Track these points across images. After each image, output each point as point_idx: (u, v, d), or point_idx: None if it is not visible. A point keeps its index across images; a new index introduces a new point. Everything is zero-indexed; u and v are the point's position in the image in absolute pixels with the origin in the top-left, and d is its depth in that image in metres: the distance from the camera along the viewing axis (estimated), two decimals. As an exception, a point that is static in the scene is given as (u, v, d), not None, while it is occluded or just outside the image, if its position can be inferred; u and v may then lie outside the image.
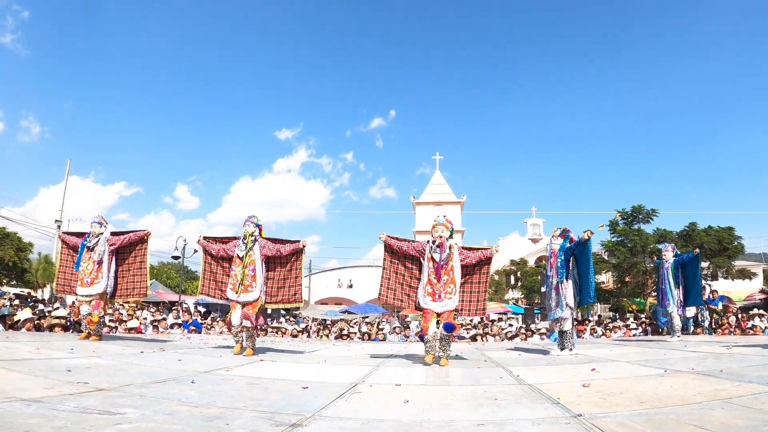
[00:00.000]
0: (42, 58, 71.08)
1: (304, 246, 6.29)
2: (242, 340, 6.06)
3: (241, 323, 6.03)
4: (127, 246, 7.49)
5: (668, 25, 72.76)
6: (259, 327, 6.36)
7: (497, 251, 5.97)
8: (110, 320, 11.05)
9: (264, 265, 6.25)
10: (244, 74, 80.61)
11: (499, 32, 78.84)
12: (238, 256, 6.12)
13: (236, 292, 6.03)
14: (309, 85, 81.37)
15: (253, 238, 6.20)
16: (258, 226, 6.34)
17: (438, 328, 5.43)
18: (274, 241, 6.38)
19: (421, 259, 5.76)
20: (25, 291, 23.65)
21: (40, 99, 72.91)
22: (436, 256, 5.49)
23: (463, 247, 5.87)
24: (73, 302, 9.07)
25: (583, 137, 75.75)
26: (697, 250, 9.80)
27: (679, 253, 10.01)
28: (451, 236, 5.67)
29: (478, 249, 5.93)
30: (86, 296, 7.16)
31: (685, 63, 71.11)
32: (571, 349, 6.46)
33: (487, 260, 5.96)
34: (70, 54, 73.07)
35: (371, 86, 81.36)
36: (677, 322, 9.21)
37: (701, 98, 71.60)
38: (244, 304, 6.03)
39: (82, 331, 7.20)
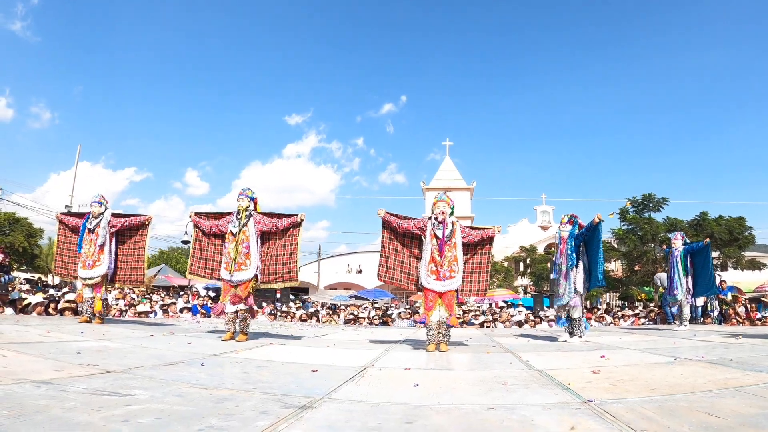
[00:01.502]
0: (52, 45, 71.22)
1: (302, 219, 5.93)
2: (233, 327, 5.76)
3: (236, 309, 5.79)
4: (126, 230, 7.33)
5: (682, 16, 71.38)
6: (252, 308, 6.03)
7: (499, 231, 5.87)
8: (123, 305, 11.15)
9: (259, 242, 5.91)
10: (254, 60, 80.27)
11: (512, 20, 77.72)
12: (231, 232, 5.79)
13: (229, 272, 5.72)
14: (320, 71, 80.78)
15: (247, 213, 5.85)
16: (253, 199, 5.98)
17: (441, 313, 5.25)
18: (270, 215, 6.05)
19: (422, 236, 5.54)
20: (36, 276, 23.99)
21: (50, 85, 73.16)
22: (439, 233, 5.30)
23: (465, 226, 5.72)
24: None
25: (594, 125, 74.88)
26: (708, 240, 9.71)
27: (688, 241, 9.93)
28: (452, 214, 5.50)
29: (481, 228, 5.83)
30: (88, 279, 7.07)
31: (699, 54, 69.94)
32: (580, 336, 6.46)
33: (489, 240, 5.84)
34: (80, 40, 73.07)
35: (382, 72, 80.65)
36: (686, 312, 9.16)
37: (714, 88, 70.41)
38: (236, 285, 5.75)
39: (88, 315, 7.15)
